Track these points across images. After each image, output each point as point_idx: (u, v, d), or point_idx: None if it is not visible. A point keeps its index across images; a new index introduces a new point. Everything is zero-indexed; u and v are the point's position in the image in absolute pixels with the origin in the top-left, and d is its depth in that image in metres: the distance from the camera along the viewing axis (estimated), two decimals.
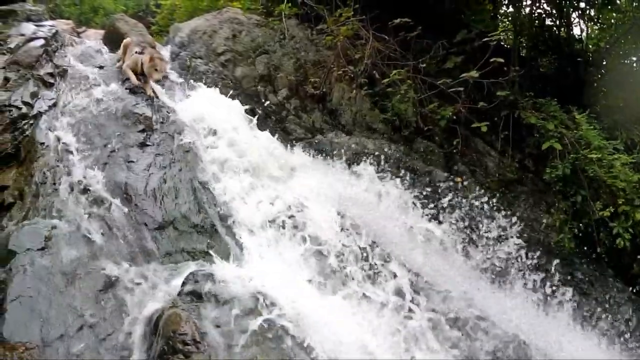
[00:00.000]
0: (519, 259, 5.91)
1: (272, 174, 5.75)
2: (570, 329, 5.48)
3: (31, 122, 5.14)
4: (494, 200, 6.27)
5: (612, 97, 7.77)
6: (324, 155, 6.44)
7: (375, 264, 4.90)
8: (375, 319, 4.21)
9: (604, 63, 8.45)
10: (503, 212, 6.22)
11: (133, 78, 6.24)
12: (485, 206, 6.21)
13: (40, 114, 5.27)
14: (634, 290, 6.18)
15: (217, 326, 3.22)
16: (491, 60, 6.42)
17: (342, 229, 5.13)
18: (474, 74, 6.43)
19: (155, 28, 11.99)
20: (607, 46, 8.52)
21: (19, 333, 3.23)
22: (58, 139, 4.99)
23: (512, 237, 6.06)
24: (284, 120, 7.04)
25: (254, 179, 5.55)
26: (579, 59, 8.32)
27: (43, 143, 4.91)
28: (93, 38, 8.47)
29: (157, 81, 6.15)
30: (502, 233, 6.09)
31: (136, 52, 6.47)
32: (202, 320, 3.24)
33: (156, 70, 6.12)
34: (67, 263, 3.66)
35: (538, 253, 6.00)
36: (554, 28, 8.64)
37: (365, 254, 4.93)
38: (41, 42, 6.30)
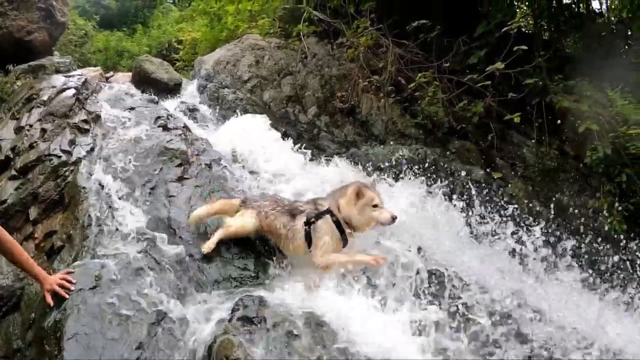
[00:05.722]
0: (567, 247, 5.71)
1: (310, 190, 5.74)
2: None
3: (72, 168, 5.35)
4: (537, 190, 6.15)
5: None
6: (360, 167, 6.38)
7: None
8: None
9: (629, 33, 8.22)
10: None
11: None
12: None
13: (79, 159, 5.46)
14: None
15: (270, 349, 3.23)
16: (514, 49, 6.33)
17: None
18: (499, 65, 6.36)
19: (179, 64, 12.34)
20: (630, 15, 8.30)
21: None
22: (99, 182, 5.09)
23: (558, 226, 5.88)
24: (317, 137, 7.09)
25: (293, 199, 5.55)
26: (603, 34, 8.13)
27: (85, 187, 5.02)
28: (121, 81, 8.75)
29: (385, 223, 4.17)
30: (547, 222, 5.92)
31: (307, 225, 4.17)
32: (254, 344, 3.25)
33: (375, 206, 4.10)
34: (119, 299, 3.72)
35: (588, 239, 5.81)
36: (573, 5, 8.48)
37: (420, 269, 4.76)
38: (72, 91, 6.57)
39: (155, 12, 19.72)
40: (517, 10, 8.52)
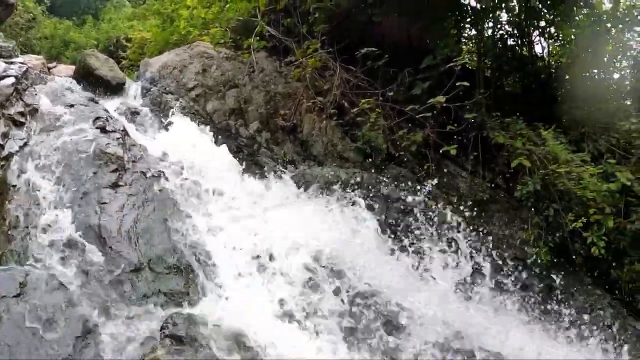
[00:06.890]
0: (496, 277, 5.94)
1: (246, 209, 5.75)
2: (554, 339, 5.47)
3: (2, 163, 5.13)
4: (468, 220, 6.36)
5: (577, 110, 7.89)
6: (297, 187, 6.45)
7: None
8: None
9: (567, 78, 8.62)
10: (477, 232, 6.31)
11: None
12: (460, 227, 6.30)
13: (11, 154, 5.26)
14: (613, 296, 6.22)
15: None
16: (457, 84, 6.54)
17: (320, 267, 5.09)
18: (441, 99, 6.54)
19: (126, 62, 12.07)
20: (569, 61, 8.73)
21: None
22: (29, 181, 4.95)
23: (487, 255, 6.12)
24: (256, 153, 7.10)
25: (228, 216, 5.55)
26: (542, 76, 8.52)
27: (15, 185, 4.88)
28: (64, 74, 8.47)
29: None
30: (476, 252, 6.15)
31: None
32: None
33: None
34: (44, 309, 3.62)
35: (515, 269, 6.05)
36: (517, 48, 8.84)
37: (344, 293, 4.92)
38: (12, 80, 6.25)
39: (107, 5, 19.29)
40: (464, 47, 8.80)
